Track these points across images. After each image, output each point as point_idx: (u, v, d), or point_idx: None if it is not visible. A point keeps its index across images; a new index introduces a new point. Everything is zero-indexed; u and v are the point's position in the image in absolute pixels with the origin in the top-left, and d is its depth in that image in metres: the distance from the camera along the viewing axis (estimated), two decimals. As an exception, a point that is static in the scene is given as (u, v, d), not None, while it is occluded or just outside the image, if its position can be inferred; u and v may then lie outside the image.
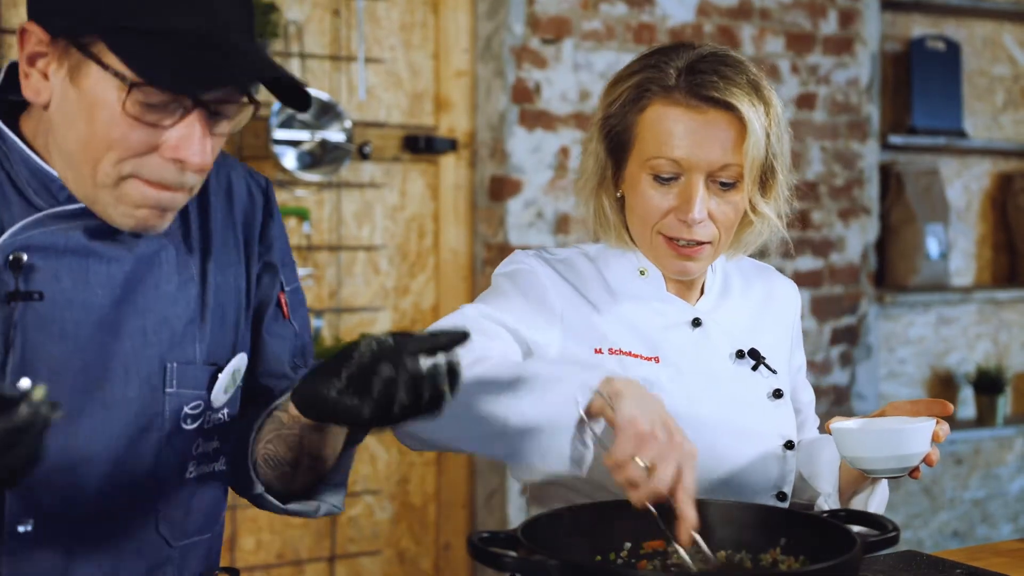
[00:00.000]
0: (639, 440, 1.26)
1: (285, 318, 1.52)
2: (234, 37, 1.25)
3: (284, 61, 3.20)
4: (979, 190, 4.46)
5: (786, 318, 1.77)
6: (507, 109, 3.35)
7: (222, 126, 1.29)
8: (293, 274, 1.55)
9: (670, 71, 1.56)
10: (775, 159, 1.60)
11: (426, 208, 3.44)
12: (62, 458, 1.30)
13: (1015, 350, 4.52)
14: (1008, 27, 4.47)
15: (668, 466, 1.25)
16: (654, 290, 1.66)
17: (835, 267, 3.93)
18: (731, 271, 1.76)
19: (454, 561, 3.49)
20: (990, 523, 4.43)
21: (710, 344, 1.65)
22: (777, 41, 3.78)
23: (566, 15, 3.42)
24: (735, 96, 1.53)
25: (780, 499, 1.66)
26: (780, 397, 1.67)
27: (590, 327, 1.61)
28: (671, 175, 1.56)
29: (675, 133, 1.54)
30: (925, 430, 1.49)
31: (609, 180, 1.64)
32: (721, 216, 1.58)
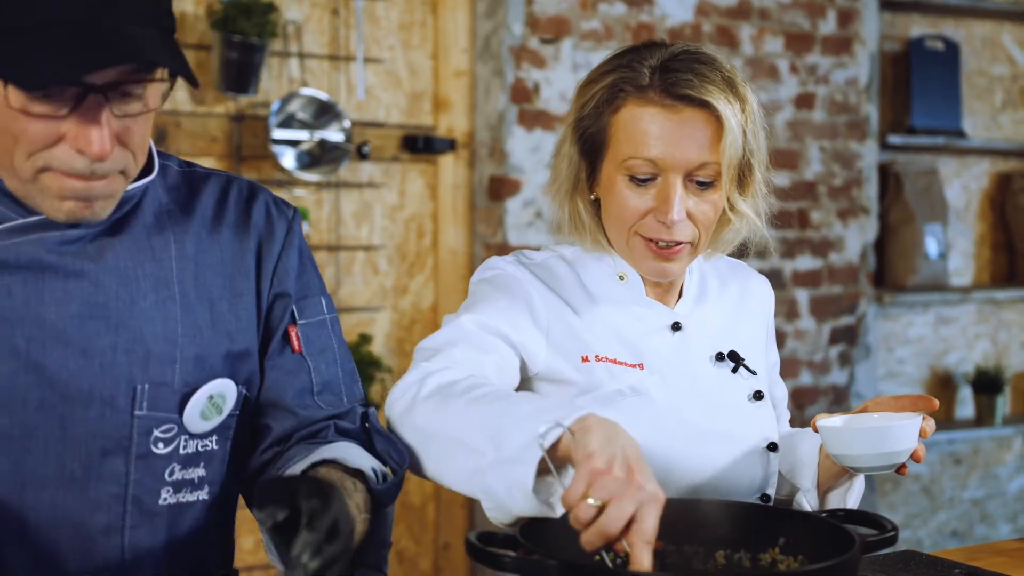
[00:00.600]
0: (591, 476, 1.15)
1: (295, 352, 1.44)
2: (108, 22, 1.18)
3: (283, 61, 3.21)
4: (978, 190, 4.47)
5: (761, 316, 1.76)
6: (506, 109, 3.35)
7: (132, 106, 1.23)
8: (317, 308, 1.48)
9: (644, 70, 1.54)
10: (752, 156, 1.57)
11: (425, 208, 3.44)
12: (11, 480, 1.25)
13: (1014, 350, 4.52)
14: (1007, 27, 4.47)
15: (620, 505, 1.13)
16: (633, 294, 1.64)
17: (834, 267, 3.93)
18: (707, 272, 1.74)
19: (453, 561, 3.49)
20: (989, 523, 4.43)
21: (690, 348, 1.64)
22: (776, 41, 3.78)
23: (565, 15, 3.42)
24: (710, 94, 1.51)
25: (764, 501, 1.65)
26: (760, 399, 1.66)
27: (573, 334, 1.59)
28: (648, 176, 1.54)
29: (651, 133, 1.52)
30: (912, 426, 1.48)
31: (583, 183, 1.61)
32: (700, 215, 1.55)
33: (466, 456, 1.30)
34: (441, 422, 1.35)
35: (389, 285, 3.40)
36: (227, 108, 3.15)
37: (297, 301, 1.45)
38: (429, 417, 1.37)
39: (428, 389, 1.40)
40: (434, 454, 1.36)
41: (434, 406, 1.37)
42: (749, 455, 1.63)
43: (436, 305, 3.45)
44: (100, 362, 1.29)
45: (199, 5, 3.11)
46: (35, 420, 1.27)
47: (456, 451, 1.32)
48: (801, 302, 3.86)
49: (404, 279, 3.42)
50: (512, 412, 1.28)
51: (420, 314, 3.44)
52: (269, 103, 3.16)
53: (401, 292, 3.42)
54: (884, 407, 1.54)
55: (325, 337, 1.48)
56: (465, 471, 1.30)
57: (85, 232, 1.31)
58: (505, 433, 1.26)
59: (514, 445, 1.23)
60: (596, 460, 1.17)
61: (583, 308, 1.61)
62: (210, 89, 3.11)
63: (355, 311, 3.34)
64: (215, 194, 1.43)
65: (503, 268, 1.63)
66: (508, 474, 1.23)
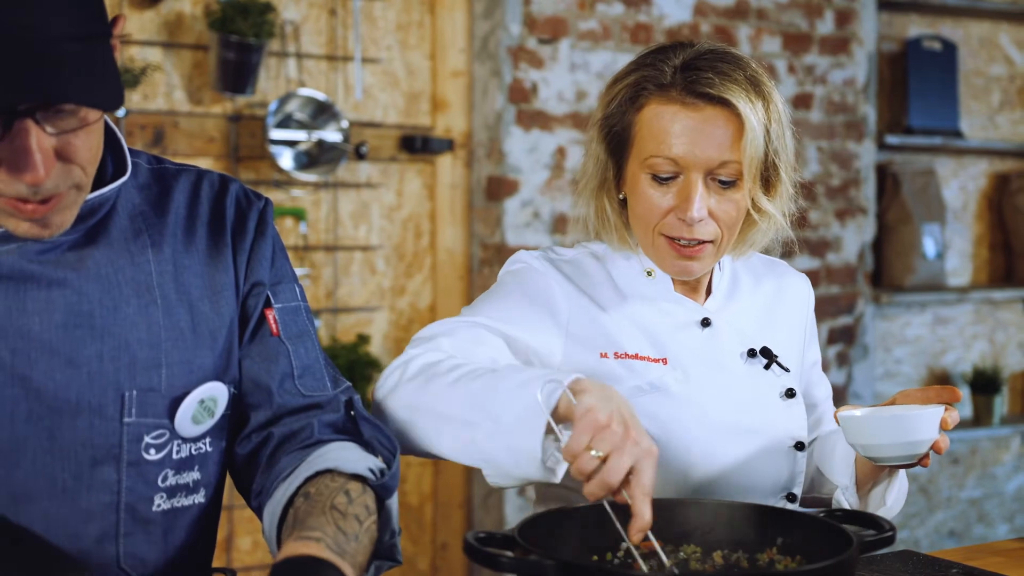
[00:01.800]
0: (594, 430, 1.22)
1: (274, 335, 1.42)
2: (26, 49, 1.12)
3: (281, 61, 3.20)
4: (975, 190, 4.47)
5: (798, 314, 1.75)
6: (504, 109, 3.35)
7: (67, 122, 1.19)
8: (291, 295, 1.46)
9: (666, 69, 1.55)
10: (776, 156, 1.57)
11: (423, 208, 3.44)
12: (1, 494, 1.24)
13: (1011, 350, 4.52)
14: (1004, 27, 4.47)
15: (621, 458, 1.21)
16: (662, 290, 1.64)
17: (832, 267, 3.93)
18: (739, 269, 1.74)
19: (451, 561, 3.49)
20: (987, 522, 4.43)
21: (720, 344, 1.63)
22: (774, 41, 3.78)
23: (563, 15, 3.42)
24: (731, 92, 1.51)
25: (790, 500, 1.65)
26: (792, 396, 1.65)
27: (597, 329, 1.59)
28: (670, 174, 1.54)
29: (672, 131, 1.53)
30: (933, 416, 1.47)
31: (611, 181, 1.62)
32: (722, 214, 1.55)
33: (459, 429, 1.33)
34: (428, 399, 1.37)
35: (387, 285, 3.40)
36: (224, 108, 3.14)
37: (271, 286, 1.44)
38: (414, 395, 1.39)
39: (412, 370, 1.42)
40: (422, 430, 1.38)
41: (419, 385, 1.40)
42: (775, 453, 1.62)
43: (434, 305, 3.45)
44: (87, 371, 1.28)
45: (196, 5, 3.11)
46: (23, 432, 1.25)
47: (447, 425, 1.35)
48: (799, 302, 3.86)
49: (402, 279, 3.42)
50: (502, 384, 1.32)
51: (418, 314, 3.43)
52: (267, 103, 3.16)
53: (399, 292, 3.41)
54: (911, 400, 1.53)
55: (301, 323, 1.46)
56: (460, 443, 1.34)
57: (64, 239, 1.29)
58: (500, 404, 1.30)
59: (513, 413, 1.28)
60: (597, 413, 1.23)
61: (610, 304, 1.62)
62: (207, 89, 3.11)
63: (353, 311, 3.34)
64: (187, 191, 1.41)
65: (529, 263, 1.64)
66: (512, 442, 1.28)
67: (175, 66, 3.09)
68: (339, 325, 3.31)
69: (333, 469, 1.32)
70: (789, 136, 1.60)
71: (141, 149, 3.16)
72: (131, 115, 3.02)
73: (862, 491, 1.63)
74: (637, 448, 1.22)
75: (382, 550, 1.37)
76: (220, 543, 3.19)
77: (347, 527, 1.26)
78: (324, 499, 1.28)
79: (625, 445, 1.21)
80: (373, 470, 1.36)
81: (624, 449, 1.21)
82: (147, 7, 3.04)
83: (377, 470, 1.36)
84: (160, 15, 3.06)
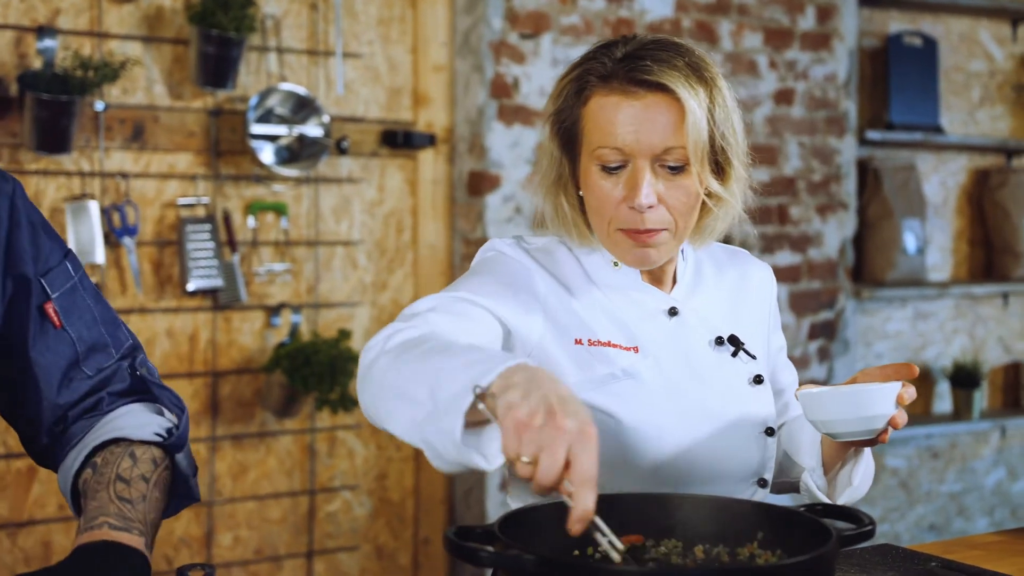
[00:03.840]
0: (517, 430, 1.14)
1: (57, 328, 1.43)
2: None
3: (261, 55, 3.19)
4: (955, 185, 4.49)
5: (762, 301, 1.77)
6: (485, 104, 3.35)
7: None
8: (64, 275, 1.46)
9: (607, 61, 1.57)
10: (724, 141, 1.57)
11: (404, 203, 3.43)
12: None
13: (991, 344, 4.55)
14: (984, 23, 4.49)
15: (552, 455, 1.12)
16: (630, 280, 1.66)
17: (813, 262, 3.94)
18: (703, 258, 1.75)
19: (432, 556, 3.49)
20: (966, 516, 4.45)
21: (688, 333, 1.65)
22: (755, 36, 3.78)
23: (544, 10, 3.42)
24: (670, 78, 1.53)
25: (761, 485, 1.67)
26: (760, 383, 1.68)
27: (571, 315, 1.61)
28: (617, 163, 1.56)
29: (616, 121, 1.55)
30: (889, 391, 1.48)
31: (567, 177, 1.64)
32: (673, 201, 1.56)
33: (408, 408, 1.28)
34: (393, 376, 1.34)
35: (368, 281, 3.39)
36: (205, 103, 3.13)
37: (43, 276, 1.44)
38: (384, 371, 1.36)
39: (391, 346, 1.40)
40: (384, 407, 1.35)
41: (390, 360, 1.37)
42: (745, 438, 1.64)
43: (415, 300, 3.44)
44: None
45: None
46: None
47: (401, 403, 1.31)
48: (780, 297, 3.87)
49: (383, 274, 3.41)
50: (448, 364, 1.27)
51: (400, 309, 3.42)
52: (247, 98, 3.15)
53: (380, 288, 3.41)
54: (871, 377, 1.54)
55: (79, 299, 1.47)
56: (406, 422, 1.29)
57: None
58: (441, 384, 1.24)
59: (446, 396, 1.22)
60: (517, 412, 1.15)
61: (581, 291, 1.63)
62: (188, 84, 3.09)
63: (334, 306, 3.33)
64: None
65: (503, 250, 1.65)
66: (440, 424, 1.21)
67: (155, 60, 3.07)
68: (320, 320, 3.30)
69: (121, 438, 1.39)
70: (737, 120, 1.60)
71: (120, 144, 3.16)
72: (110, 109, 3.00)
73: (829, 472, 1.64)
74: (567, 435, 1.12)
75: (179, 491, 1.46)
76: (199, 539, 3.18)
77: (132, 493, 1.34)
78: (109, 469, 1.37)
79: (553, 439, 1.12)
80: (160, 432, 1.42)
81: (554, 444, 1.12)
82: (126, 1, 3.02)
83: (164, 430, 1.43)
84: (140, 9, 3.05)
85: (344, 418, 3.33)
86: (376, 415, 1.38)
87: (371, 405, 1.38)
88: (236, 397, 3.21)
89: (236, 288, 3.14)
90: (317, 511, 3.33)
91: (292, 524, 3.29)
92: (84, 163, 2.99)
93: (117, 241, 3.00)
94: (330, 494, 3.35)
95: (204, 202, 3.13)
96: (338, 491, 3.36)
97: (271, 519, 3.26)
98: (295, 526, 3.30)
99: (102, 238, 2.95)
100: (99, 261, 2.95)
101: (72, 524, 2.99)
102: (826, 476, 1.65)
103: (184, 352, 3.14)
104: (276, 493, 3.27)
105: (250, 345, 3.22)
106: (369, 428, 3.38)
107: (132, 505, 1.33)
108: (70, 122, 2.82)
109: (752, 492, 1.66)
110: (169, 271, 3.10)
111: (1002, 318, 4.58)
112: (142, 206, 3.06)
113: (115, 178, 3.03)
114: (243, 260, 3.19)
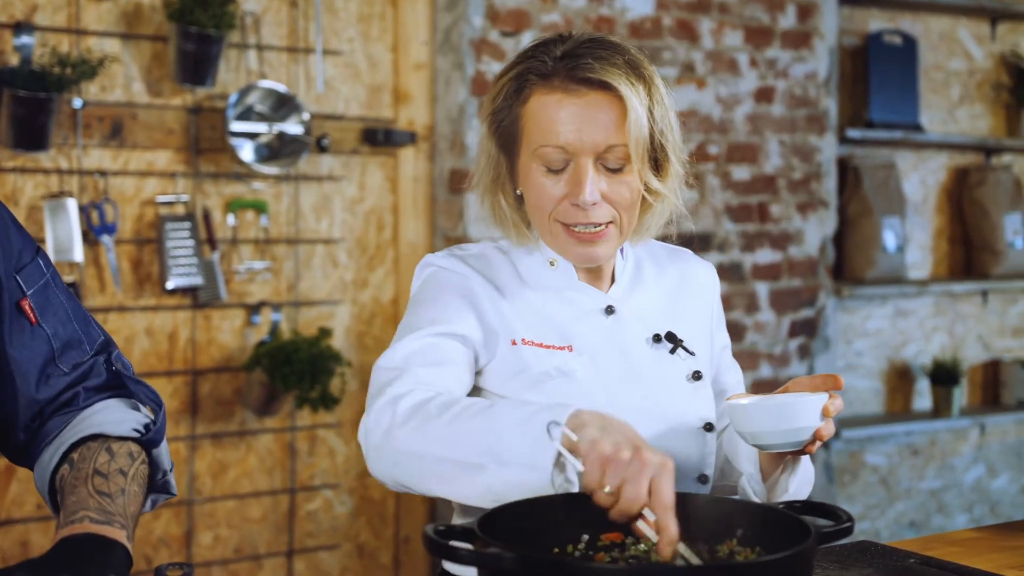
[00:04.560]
0: (603, 464, 1.25)
1: (33, 324, 1.44)
2: None
3: (241, 52, 3.18)
4: (935, 184, 4.50)
5: (704, 299, 1.78)
6: (466, 102, 3.34)
7: None
8: (38, 272, 1.47)
9: (547, 60, 1.58)
10: (663, 137, 1.59)
11: (385, 201, 3.42)
12: None
13: (970, 342, 4.57)
14: (964, 22, 4.51)
15: (633, 486, 1.23)
16: (566, 280, 1.67)
17: (793, 260, 3.95)
18: (643, 257, 1.76)
19: (413, 555, 3.48)
20: (946, 513, 4.47)
21: (624, 330, 1.66)
22: (736, 35, 3.79)
23: (525, 8, 3.42)
24: (611, 75, 1.54)
25: (702, 481, 1.67)
26: (699, 379, 1.69)
27: (505, 318, 1.62)
28: (560, 161, 1.57)
29: (558, 119, 1.55)
30: (814, 403, 1.49)
31: (505, 176, 1.65)
32: (616, 197, 1.58)
33: (466, 473, 1.36)
34: (426, 444, 1.40)
35: (349, 278, 3.38)
36: (184, 100, 3.12)
37: (17, 273, 1.44)
38: (411, 440, 1.41)
39: (402, 414, 1.43)
40: (432, 477, 1.40)
41: (414, 429, 1.41)
42: (684, 434, 1.65)
43: (396, 298, 3.44)
44: None
45: (156, -4, 3.08)
46: None
47: (455, 471, 1.37)
48: (761, 295, 3.88)
49: (364, 272, 3.40)
50: (499, 424, 1.35)
51: (380, 307, 3.42)
52: (227, 95, 3.14)
53: (361, 285, 3.40)
54: (801, 387, 1.56)
55: (52, 296, 1.48)
56: (475, 489, 1.36)
57: None
58: (504, 445, 1.33)
59: (518, 454, 1.32)
60: (602, 446, 1.26)
61: (514, 294, 1.64)
62: (167, 81, 3.08)
63: (315, 304, 3.32)
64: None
65: (436, 263, 1.67)
66: (522, 482, 1.32)
67: (133, 57, 3.05)
68: (300, 319, 3.29)
69: (98, 435, 1.40)
70: (674, 117, 1.62)
71: (99, 141, 3.14)
72: (88, 107, 2.98)
73: (768, 479, 1.65)
74: (650, 467, 1.24)
75: (157, 486, 1.46)
76: (179, 538, 3.17)
77: (111, 487, 1.35)
78: (87, 464, 1.37)
79: (638, 471, 1.23)
80: (138, 428, 1.43)
81: (638, 476, 1.23)
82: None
83: (142, 426, 1.44)
84: (118, 6, 3.03)
85: (324, 416, 3.32)
86: (412, 483, 1.43)
87: (405, 476, 1.43)
88: (216, 396, 3.20)
89: (216, 286, 3.12)
90: (297, 510, 3.32)
91: (272, 523, 3.28)
92: (62, 161, 2.98)
93: (96, 239, 2.99)
94: (310, 493, 3.34)
95: (184, 200, 3.11)
96: (319, 490, 3.35)
97: (251, 518, 3.25)
98: (275, 525, 3.29)
99: (80, 236, 2.93)
100: (78, 259, 2.93)
101: (50, 523, 2.98)
102: (764, 483, 1.65)
103: (164, 351, 3.12)
104: (256, 492, 3.26)
105: (230, 343, 3.20)
106: (350, 426, 3.38)
107: (111, 499, 1.34)
108: (48, 119, 2.81)
109: (694, 490, 1.66)
110: (148, 269, 3.09)
111: (981, 316, 4.60)
112: (121, 204, 3.04)
113: (93, 176, 3.01)
114: (223, 258, 3.17)
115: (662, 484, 1.23)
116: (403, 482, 1.44)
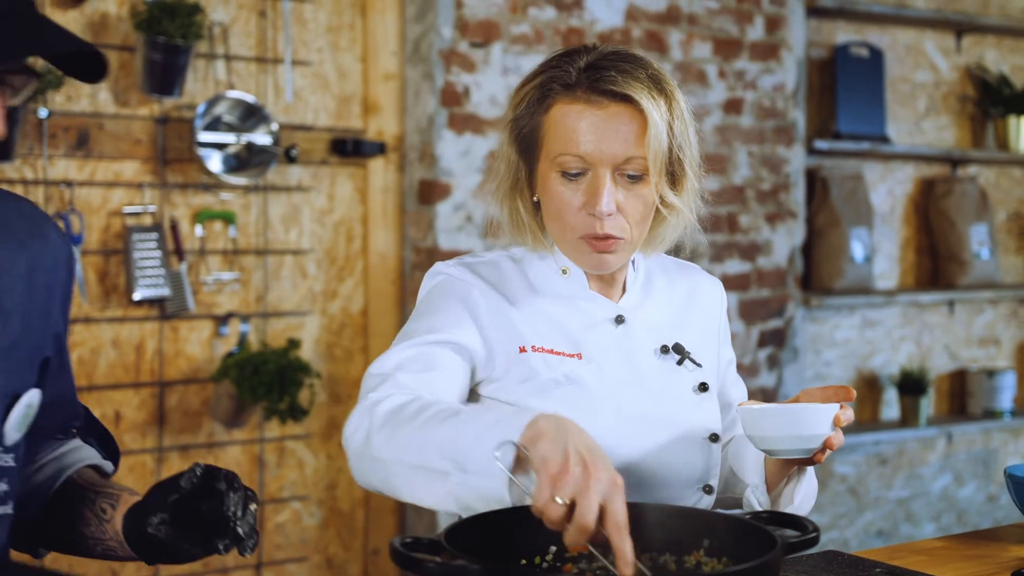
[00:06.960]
0: (553, 479, 1.21)
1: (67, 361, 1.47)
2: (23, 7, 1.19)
3: (209, 63, 3.17)
4: (902, 194, 4.54)
5: (711, 314, 1.80)
6: (436, 112, 3.34)
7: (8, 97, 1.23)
8: None
9: (571, 70, 1.60)
10: (681, 152, 1.62)
11: (354, 212, 3.42)
12: None
13: (937, 352, 4.60)
14: (929, 34, 4.55)
15: (588, 499, 1.19)
16: (577, 288, 1.68)
17: (762, 270, 3.97)
18: (653, 268, 1.79)
19: (383, 567, 3.47)
20: (913, 522, 4.50)
21: (633, 340, 1.68)
22: (704, 46, 3.81)
23: (495, 19, 3.42)
24: (633, 89, 1.56)
25: (707, 492, 1.68)
26: (706, 390, 1.70)
27: (514, 326, 1.63)
28: (578, 171, 1.59)
29: (579, 129, 1.57)
30: (826, 412, 1.52)
31: (523, 183, 1.67)
32: (630, 210, 1.60)
33: (433, 480, 1.35)
34: (398, 450, 1.40)
35: (318, 289, 3.37)
36: (152, 110, 3.10)
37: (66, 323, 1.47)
38: (384, 447, 1.42)
39: (379, 419, 1.44)
40: (402, 482, 1.40)
41: (387, 436, 1.42)
42: (690, 444, 1.66)
43: (366, 309, 3.43)
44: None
45: (122, 6, 3.06)
46: None
47: (421, 477, 1.37)
48: (730, 305, 3.89)
49: (333, 283, 3.39)
50: (463, 432, 1.34)
51: (350, 318, 3.41)
52: (195, 105, 3.12)
53: (330, 296, 3.39)
54: (812, 398, 1.58)
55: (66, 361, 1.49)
56: (439, 493, 1.36)
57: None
58: (464, 453, 1.32)
59: (477, 462, 1.30)
60: (551, 464, 1.23)
61: (523, 302, 1.66)
62: (134, 91, 3.06)
63: (283, 316, 3.31)
64: None
65: (446, 272, 1.68)
66: (482, 491, 1.30)
67: (101, 67, 3.03)
68: (269, 330, 3.27)
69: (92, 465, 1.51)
70: (692, 133, 1.64)
71: (65, 151, 3.12)
72: (54, 116, 2.96)
73: (772, 491, 1.67)
74: (600, 484, 1.20)
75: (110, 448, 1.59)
76: (148, 552, 3.13)
77: None
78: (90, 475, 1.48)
79: (589, 485, 1.20)
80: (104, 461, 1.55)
81: (589, 489, 1.20)
82: (71, 7, 2.99)
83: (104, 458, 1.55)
84: (84, 15, 3.01)
85: (293, 428, 3.31)
86: (387, 489, 1.43)
87: (381, 482, 1.43)
88: (183, 407, 3.18)
89: (183, 297, 3.11)
90: (266, 522, 3.30)
91: (241, 535, 3.26)
92: (27, 171, 2.95)
93: (62, 250, 2.96)
94: (279, 505, 3.32)
95: (151, 210, 3.09)
96: (287, 502, 3.33)
97: (219, 531, 3.23)
98: (244, 537, 3.27)
99: (46, 247, 2.91)
100: (43, 270, 2.90)
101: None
102: (769, 494, 1.67)
103: (130, 362, 3.10)
104: (224, 504, 3.23)
105: (198, 355, 3.18)
106: (319, 438, 3.36)
107: None
108: (13, 129, 2.79)
109: (698, 499, 1.67)
110: (115, 280, 3.07)
111: (948, 326, 4.63)
112: (87, 215, 3.02)
113: (59, 186, 2.99)
114: (191, 269, 3.16)
115: (614, 505, 1.20)
116: (379, 487, 1.44)
